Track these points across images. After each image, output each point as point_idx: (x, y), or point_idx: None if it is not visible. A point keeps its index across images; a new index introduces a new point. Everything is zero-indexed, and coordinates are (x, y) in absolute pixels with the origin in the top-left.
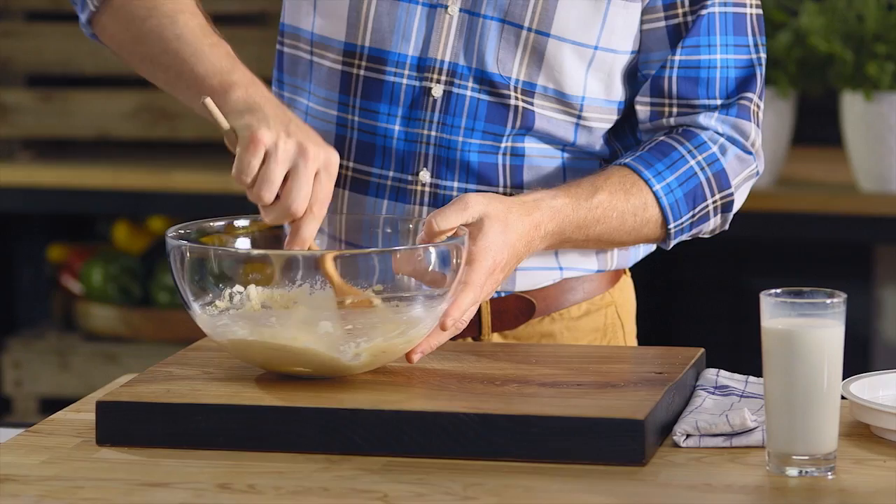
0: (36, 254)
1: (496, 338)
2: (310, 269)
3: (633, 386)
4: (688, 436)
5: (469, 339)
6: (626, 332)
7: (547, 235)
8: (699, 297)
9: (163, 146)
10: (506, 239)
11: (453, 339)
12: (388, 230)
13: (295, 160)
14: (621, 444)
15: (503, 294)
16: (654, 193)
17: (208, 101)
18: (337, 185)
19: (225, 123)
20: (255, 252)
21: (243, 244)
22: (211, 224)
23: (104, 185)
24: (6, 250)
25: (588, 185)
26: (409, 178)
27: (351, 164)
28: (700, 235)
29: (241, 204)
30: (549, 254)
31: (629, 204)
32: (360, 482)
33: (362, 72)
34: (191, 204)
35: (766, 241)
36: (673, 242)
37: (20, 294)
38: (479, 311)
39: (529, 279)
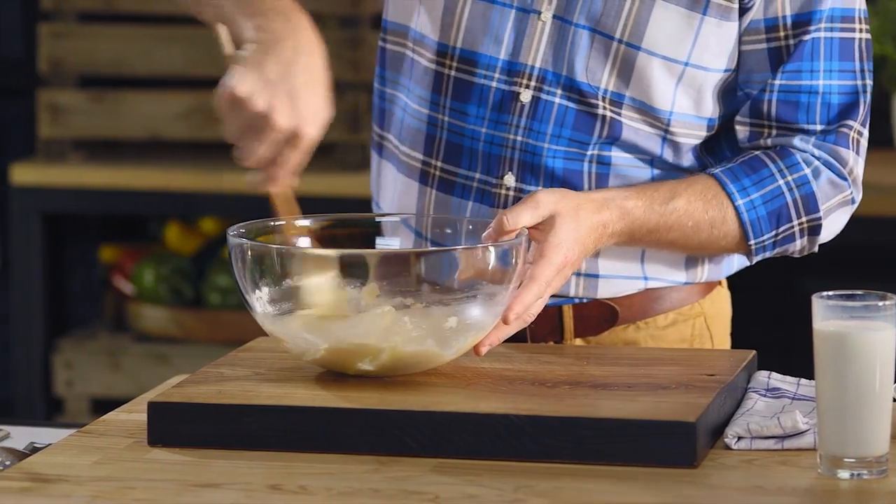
0: (88, 254)
1: (579, 342)
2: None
3: (685, 388)
4: (739, 438)
5: (551, 343)
6: (716, 345)
7: (614, 235)
8: (751, 300)
9: (214, 147)
10: (577, 235)
11: (535, 340)
12: (472, 229)
13: (259, 122)
14: (672, 446)
15: (585, 300)
16: (736, 208)
17: (219, 26)
18: (425, 183)
19: (230, 52)
20: (317, 250)
21: (305, 243)
22: (271, 223)
23: (156, 186)
24: (58, 251)
25: (666, 190)
26: (495, 181)
27: (439, 164)
28: (787, 255)
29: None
30: (634, 262)
31: (707, 215)
32: (411, 483)
33: (453, 72)
34: (242, 205)
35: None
36: (756, 258)
37: (72, 295)
38: (560, 316)
39: (613, 287)
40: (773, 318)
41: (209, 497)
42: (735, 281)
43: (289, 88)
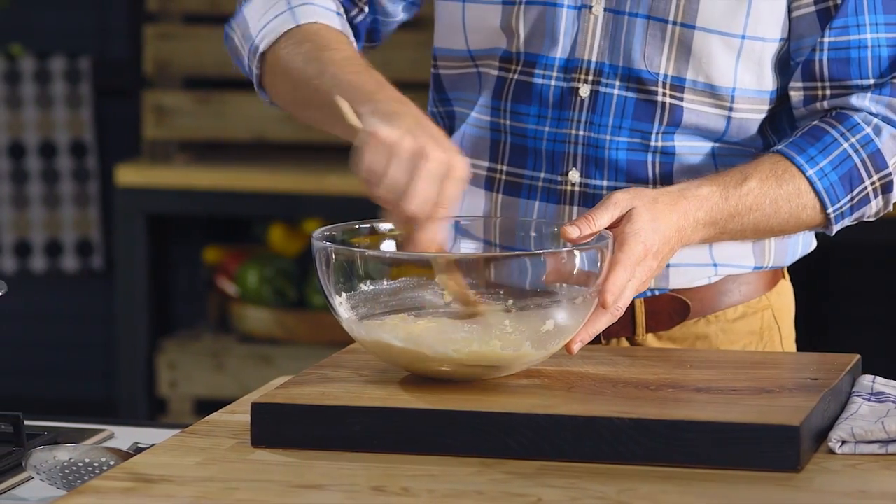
0: (192, 256)
1: (651, 338)
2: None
3: (789, 392)
4: (843, 442)
5: (623, 339)
6: (784, 337)
7: (698, 225)
8: (855, 303)
9: (318, 149)
10: (656, 226)
11: (607, 340)
12: (537, 233)
13: (415, 160)
14: (776, 450)
15: (657, 293)
16: (808, 178)
17: (339, 98)
18: (490, 189)
19: (355, 122)
20: (401, 254)
21: (389, 247)
22: (357, 226)
23: (260, 188)
24: (163, 252)
25: (737, 174)
26: (559, 178)
27: (504, 168)
28: (865, 219)
29: None
30: (702, 249)
31: (782, 190)
32: (514, 486)
33: (515, 76)
34: (346, 207)
35: None
36: (836, 227)
37: (176, 295)
38: (633, 311)
39: (683, 276)
40: (877, 321)
41: (312, 498)
42: (838, 285)
43: (425, 130)
